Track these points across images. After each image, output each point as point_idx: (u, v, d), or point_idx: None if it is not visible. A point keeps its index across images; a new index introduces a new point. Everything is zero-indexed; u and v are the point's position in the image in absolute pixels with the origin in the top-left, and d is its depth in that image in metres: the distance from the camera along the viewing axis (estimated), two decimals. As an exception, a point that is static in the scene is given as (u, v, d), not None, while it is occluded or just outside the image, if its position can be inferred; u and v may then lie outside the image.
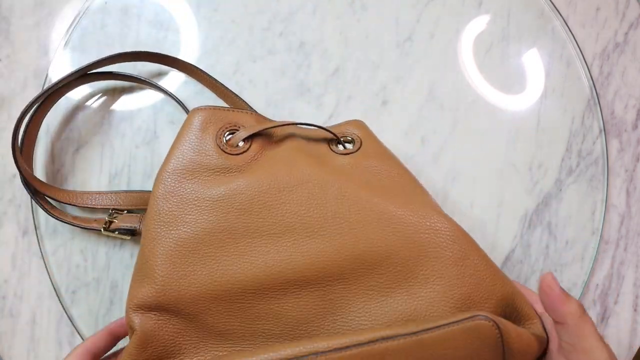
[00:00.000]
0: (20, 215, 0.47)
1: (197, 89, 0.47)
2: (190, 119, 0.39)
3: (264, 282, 0.35)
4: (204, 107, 0.39)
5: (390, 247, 0.35)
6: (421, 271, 0.35)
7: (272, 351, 0.30)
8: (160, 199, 0.37)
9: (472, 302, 0.34)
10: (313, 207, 0.36)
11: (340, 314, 0.35)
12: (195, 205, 0.37)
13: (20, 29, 0.49)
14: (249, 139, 0.39)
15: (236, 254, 0.36)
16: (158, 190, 0.37)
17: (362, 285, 0.35)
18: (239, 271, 0.35)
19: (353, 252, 0.35)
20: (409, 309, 0.34)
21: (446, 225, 0.35)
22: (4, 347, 0.46)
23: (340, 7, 0.48)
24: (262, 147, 0.39)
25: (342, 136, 0.41)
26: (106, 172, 0.47)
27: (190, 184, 0.37)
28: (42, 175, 0.47)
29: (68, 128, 0.47)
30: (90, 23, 0.48)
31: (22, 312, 0.46)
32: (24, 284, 0.46)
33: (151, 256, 0.36)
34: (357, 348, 0.29)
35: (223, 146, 0.38)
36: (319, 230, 0.35)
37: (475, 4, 0.48)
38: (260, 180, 0.37)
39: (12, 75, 0.48)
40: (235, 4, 0.46)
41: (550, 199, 0.46)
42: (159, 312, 0.35)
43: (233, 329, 0.35)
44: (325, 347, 0.30)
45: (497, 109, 0.47)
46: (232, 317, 0.35)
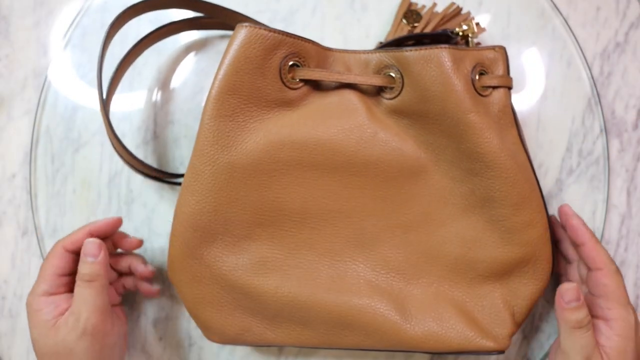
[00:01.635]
0: (20, 215, 0.47)
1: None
2: (255, 38, 0.37)
3: (308, 212, 0.39)
4: (270, 29, 0.37)
5: (414, 194, 0.39)
6: (438, 215, 0.39)
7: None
8: (217, 119, 0.37)
9: (481, 244, 0.39)
10: (361, 150, 0.38)
11: (369, 246, 0.39)
12: (252, 133, 0.37)
13: (20, 28, 0.49)
14: (305, 79, 0.39)
15: (286, 184, 0.38)
16: (215, 109, 0.37)
17: (390, 222, 0.39)
18: (287, 200, 0.38)
19: (386, 193, 0.39)
20: (426, 247, 0.39)
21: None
22: (4, 347, 0.46)
23: (340, 7, 0.48)
24: (314, 88, 0.40)
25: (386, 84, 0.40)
26: (106, 172, 0.47)
27: (249, 111, 0.37)
28: (42, 175, 0.47)
29: (68, 128, 0.47)
30: (90, 22, 0.48)
31: (22, 312, 0.46)
32: (24, 284, 0.46)
33: (202, 175, 0.37)
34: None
35: (284, 76, 0.38)
36: (363, 170, 0.39)
37: (475, 3, 0.48)
38: (315, 119, 0.38)
39: (12, 75, 0.48)
40: (236, 4, 0.46)
41: (551, 199, 0.46)
42: (206, 233, 0.38)
43: (273, 257, 0.38)
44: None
45: (497, 108, 0.47)
46: (273, 244, 0.38)
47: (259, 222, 0.38)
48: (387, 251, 0.39)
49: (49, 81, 0.48)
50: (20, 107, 0.48)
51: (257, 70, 0.37)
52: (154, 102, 0.47)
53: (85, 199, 0.46)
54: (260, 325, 0.39)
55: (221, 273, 0.38)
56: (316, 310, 0.37)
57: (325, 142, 0.38)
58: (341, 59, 0.40)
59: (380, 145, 0.39)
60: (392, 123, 0.40)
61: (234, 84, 0.36)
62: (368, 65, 0.40)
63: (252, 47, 0.37)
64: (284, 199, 0.38)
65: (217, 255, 0.38)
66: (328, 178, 0.39)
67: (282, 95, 0.38)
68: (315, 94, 0.39)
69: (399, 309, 0.38)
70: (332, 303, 0.37)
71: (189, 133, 0.47)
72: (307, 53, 0.39)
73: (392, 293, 0.38)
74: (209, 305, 0.38)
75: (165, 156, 0.47)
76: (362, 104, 0.39)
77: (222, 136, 0.37)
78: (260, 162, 0.37)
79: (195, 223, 0.37)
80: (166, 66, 0.48)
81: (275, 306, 0.38)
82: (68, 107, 0.47)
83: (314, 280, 0.38)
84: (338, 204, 0.39)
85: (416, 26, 0.46)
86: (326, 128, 0.38)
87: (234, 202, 0.37)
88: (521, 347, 0.45)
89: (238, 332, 0.39)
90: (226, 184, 0.37)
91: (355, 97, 0.39)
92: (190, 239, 0.37)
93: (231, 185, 0.37)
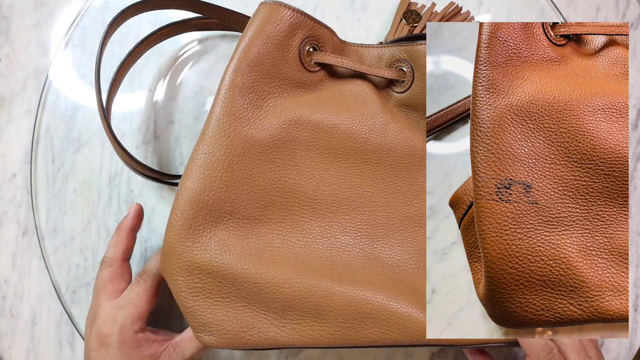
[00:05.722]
0: (20, 215, 0.47)
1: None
2: (279, 15, 0.37)
3: (320, 198, 0.38)
4: (293, 8, 0.38)
5: (424, 187, 0.40)
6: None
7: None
8: (237, 90, 0.36)
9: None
10: (374, 138, 0.39)
11: (381, 239, 0.38)
12: (271, 109, 0.37)
13: (20, 28, 0.49)
14: (322, 63, 0.39)
15: (300, 165, 0.38)
16: (236, 81, 0.36)
17: (402, 215, 0.39)
18: (300, 182, 0.37)
19: (397, 184, 0.39)
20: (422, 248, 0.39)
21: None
22: (4, 347, 0.46)
23: (340, 7, 0.48)
24: (329, 75, 0.40)
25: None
26: (106, 172, 0.47)
27: (269, 87, 0.37)
28: (43, 174, 0.47)
29: (68, 128, 0.47)
30: (91, 22, 0.48)
31: (22, 312, 0.46)
32: (24, 284, 0.46)
33: (216, 146, 0.35)
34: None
35: (304, 58, 0.38)
36: (374, 159, 0.39)
37: (475, 3, 0.48)
38: (331, 104, 0.39)
39: (12, 75, 0.48)
40: (236, 3, 0.46)
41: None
42: (212, 212, 0.35)
43: (283, 243, 0.37)
44: None
45: (497, 108, 0.47)
46: (284, 230, 0.37)
47: (270, 203, 0.36)
48: (398, 245, 0.39)
49: (49, 81, 0.48)
50: (20, 107, 0.48)
51: (277, 46, 0.37)
52: (154, 102, 0.47)
53: (85, 198, 0.46)
54: (266, 320, 0.35)
55: (224, 260, 0.34)
56: (334, 300, 0.35)
57: (339, 126, 0.38)
58: (355, 52, 0.41)
59: (391, 136, 0.39)
60: (402, 116, 0.41)
61: (255, 57, 0.36)
62: (381, 59, 0.41)
63: (274, 23, 0.37)
64: (297, 180, 0.37)
65: (222, 238, 0.35)
66: (341, 164, 0.39)
67: (301, 76, 0.39)
68: (330, 80, 0.40)
69: (417, 301, 0.36)
70: (351, 292, 0.35)
71: (189, 133, 0.47)
72: (324, 39, 0.39)
73: (408, 285, 0.37)
74: (207, 297, 0.34)
75: (165, 156, 0.47)
76: (375, 95, 0.40)
77: (240, 108, 0.36)
78: (277, 138, 0.37)
79: (202, 199, 0.34)
80: (166, 66, 0.48)
81: (286, 298, 0.34)
82: (68, 107, 0.47)
83: (329, 270, 0.36)
84: (350, 192, 0.39)
85: (416, 26, 0.46)
86: (341, 114, 0.39)
87: (246, 179, 0.36)
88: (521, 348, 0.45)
89: (239, 330, 0.34)
90: (240, 158, 0.36)
91: (368, 88, 0.40)
92: (193, 218, 0.34)
93: (245, 160, 0.36)
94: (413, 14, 0.47)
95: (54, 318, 0.46)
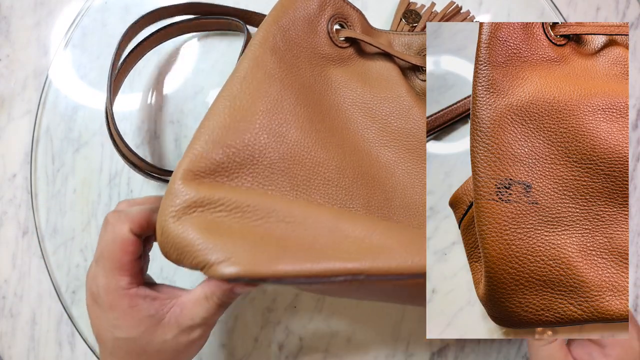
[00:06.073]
0: (20, 215, 0.47)
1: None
2: None
3: (344, 168, 0.36)
4: None
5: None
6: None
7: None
8: (268, 49, 0.36)
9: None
10: (394, 121, 0.40)
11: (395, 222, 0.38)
12: (299, 73, 0.37)
13: (20, 28, 0.49)
14: (351, 40, 0.41)
15: (326, 135, 0.36)
16: (267, 41, 0.36)
17: (417, 200, 0.39)
18: (320, 150, 0.35)
19: (415, 169, 0.40)
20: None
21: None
22: (4, 347, 0.46)
23: (340, 6, 0.48)
24: (358, 53, 0.41)
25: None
26: (106, 172, 0.47)
27: (296, 59, 0.37)
28: (43, 174, 0.47)
29: (68, 128, 0.47)
30: (91, 22, 0.48)
31: (22, 312, 0.46)
32: (24, 284, 0.46)
33: (251, 101, 0.33)
34: None
35: (332, 34, 0.40)
36: (393, 142, 0.39)
37: (475, 3, 0.48)
38: (357, 80, 0.40)
39: (12, 75, 0.48)
40: (236, 4, 0.46)
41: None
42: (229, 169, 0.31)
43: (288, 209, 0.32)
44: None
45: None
46: (291, 195, 0.33)
47: (285, 169, 0.33)
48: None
49: (49, 81, 0.48)
50: (20, 107, 0.48)
51: (307, 21, 0.38)
52: (154, 102, 0.47)
53: (85, 198, 0.46)
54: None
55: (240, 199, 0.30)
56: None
57: (361, 104, 0.39)
58: (385, 36, 0.43)
59: (413, 121, 0.40)
60: (424, 103, 0.41)
61: (285, 27, 0.37)
62: (410, 46, 0.43)
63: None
64: (328, 141, 0.36)
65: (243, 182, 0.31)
66: (363, 139, 0.39)
67: (329, 51, 0.39)
68: (359, 58, 0.41)
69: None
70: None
71: (189, 133, 0.47)
72: (353, 19, 0.41)
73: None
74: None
75: (165, 156, 0.47)
76: (400, 78, 0.41)
77: (267, 67, 0.35)
78: (313, 101, 0.37)
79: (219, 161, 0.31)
80: (166, 66, 0.48)
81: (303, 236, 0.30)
82: (68, 107, 0.47)
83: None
84: (370, 168, 0.38)
85: (415, 26, 0.46)
86: (364, 92, 0.39)
87: (279, 136, 0.33)
88: (521, 347, 0.45)
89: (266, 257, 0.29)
90: (279, 102, 0.34)
91: (395, 71, 0.41)
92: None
93: (281, 106, 0.34)
94: (413, 14, 0.47)
95: (54, 318, 0.46)
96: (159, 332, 0.31)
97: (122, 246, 0.31)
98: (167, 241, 0.29)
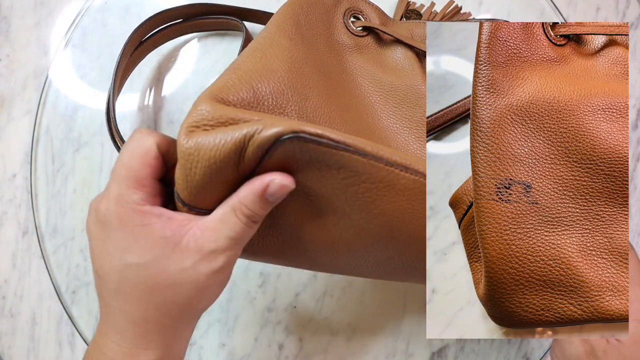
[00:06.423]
0: (20, 215, 0.47)
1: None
2: None
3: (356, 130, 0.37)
4: None
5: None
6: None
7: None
8: (291, 20, 0.36)
9: None
10: (407, 109, 0.41)
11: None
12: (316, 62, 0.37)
13: (20, 28, 0.49)
14: (368, 29, 0.42)
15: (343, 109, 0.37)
16: (289, 13, 0.37)
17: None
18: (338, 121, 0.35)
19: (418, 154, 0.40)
20: None
21: None
22: (4, 347, 0.46)
23: (340, 6, 0.48)
24: (377, 41, 0.43)
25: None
26: (106, 172, 0.47)
27: (314, 39, 0.38)
28: (43, 174, 0.47)
29: (68, 128, 0.47)
30: (91, 22, 0.48)
31: (22, 312, 0.46)
32: (24, 284, 0.46)
33: (281, 57, 0.33)
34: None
35: (348, 25, 0.41)
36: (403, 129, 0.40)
37: (475, 3, 0.48)
38: (374, 65, 0.41)
39: (12, 75, 0.48)
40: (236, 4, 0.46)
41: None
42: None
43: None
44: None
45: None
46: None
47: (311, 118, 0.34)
48: None
49: (49, 81, 0.48)
50: (20, 107, 0.48)
51: (324, 10, 0.40)
52: (154, 101, 0.47)
53: (85, 198, 0.46)
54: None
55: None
56: None
57: (379, 87, 0.41)
58: (405, 27, 0.44)
59: (424, 110, 0.41)
60: None
61: (303, 15, 0.38)
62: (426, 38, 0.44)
63: None
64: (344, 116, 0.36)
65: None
66: (378, 119, 0.40)
67: (348, 39, 0.41)
68: (377, 47, 0.43)
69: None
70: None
71: (189, 133, 0.47)
72: (368, 13, 0.42)
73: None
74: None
75: (165, 156, 0.47)
76: (420, 68, 0.42)
77: (298, 25, 0.36)
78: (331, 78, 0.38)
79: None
80: (166, 66, 0.48)
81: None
82: (68, 107, 0.47)
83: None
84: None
85: (416, 26, 0.46)
86: (381, 77, 0.41)
87: (304, 99, 0.33)
88: (521, 347, 0.45)
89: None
90: (303, 67, 0.34)
91: (415, 60, 0.42)
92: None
93: (304, 71, 0.34)
94: (413, 14, 0.47)
95: (54, 318, 0.46)
96: (175, 258, 0.27)
97: (142, 158, 0.28)
98: (192, 147, 0.28)
